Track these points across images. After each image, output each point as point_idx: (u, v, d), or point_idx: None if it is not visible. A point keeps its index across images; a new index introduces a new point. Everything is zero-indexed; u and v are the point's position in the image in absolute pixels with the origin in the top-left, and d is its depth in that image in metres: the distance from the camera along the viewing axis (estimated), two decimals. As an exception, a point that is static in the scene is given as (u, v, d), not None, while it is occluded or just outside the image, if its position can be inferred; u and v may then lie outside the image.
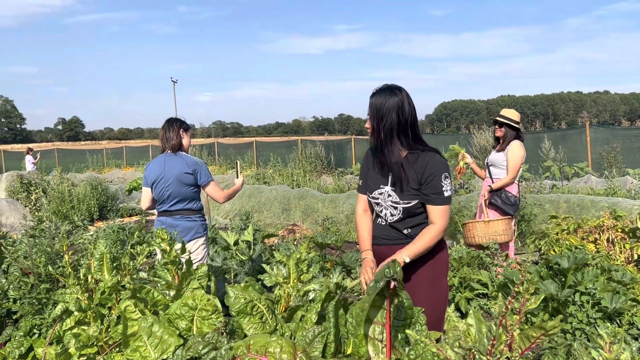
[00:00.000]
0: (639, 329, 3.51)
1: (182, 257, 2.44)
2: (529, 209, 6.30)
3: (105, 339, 2.34)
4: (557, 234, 5.45)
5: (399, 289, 1.44)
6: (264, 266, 2.86)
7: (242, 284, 2.26)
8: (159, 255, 2.93)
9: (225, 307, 2.21)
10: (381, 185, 2.57)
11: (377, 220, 2.67)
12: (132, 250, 3.14)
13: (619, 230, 5.09)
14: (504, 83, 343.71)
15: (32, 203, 11.65)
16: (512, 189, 4.89)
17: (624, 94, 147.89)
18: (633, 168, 12.65)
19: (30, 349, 2.45)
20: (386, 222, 2.60)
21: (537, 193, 8.05)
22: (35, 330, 2.66)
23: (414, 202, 2.48)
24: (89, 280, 2.57)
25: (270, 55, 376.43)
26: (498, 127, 4.97)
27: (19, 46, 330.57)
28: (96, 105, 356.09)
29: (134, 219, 11.10)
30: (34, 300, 2.72)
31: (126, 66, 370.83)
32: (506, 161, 4.87)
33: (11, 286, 2.81)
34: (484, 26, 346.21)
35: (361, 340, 1.40)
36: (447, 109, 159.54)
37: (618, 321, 3.59)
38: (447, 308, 2.64)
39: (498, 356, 1.08)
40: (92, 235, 6.94)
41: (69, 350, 2.22)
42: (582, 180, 10.72)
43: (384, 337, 1.43)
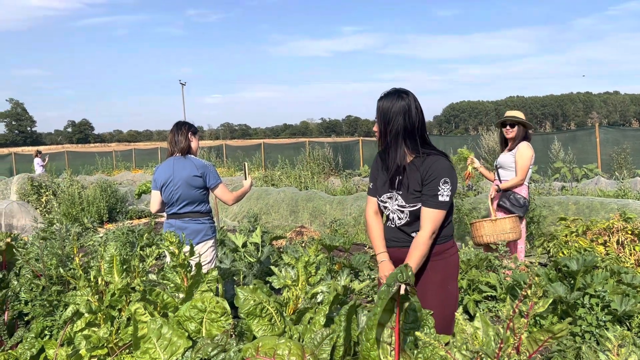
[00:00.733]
0: (649, 332, 3.49)
1: (191, 259, 2.46)
2: (538, 211, 6.27)
3: (115, 341, 2.36)
4: (566, 236, 5.42)
5: (412, 293, 1.44)
6: (272, 268, 2.87)
7: (250, 286, 2.27)
8: (168, 258, 2.95)
9: (234, 309, 2.23)
10: (389, 189, 2.59)
11: (387, 223, 2.69)
12: (141, 252, 3.17)
13: (629, 232, 5.06)
14: (512, 84, 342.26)
15: (43, 205, 11.75)
16: (521, 191, 4.86)
17: (634, 95, 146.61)
18: (644, 169, 12.55)
19: (42, 350, 2.48)
20: (395, 225, 2.62)
21: (546, 195, 8.01)
22: (46, 332, 2.69)
23: (419, 205, 2.48)
24: (99, 282, 2.59)
25: (278, 57, 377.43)
26: (510, 127, 4.92)
27: (30, 49, 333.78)
28: (105, 108, 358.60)
29: (143, 221, 11.16)
30: (45, 302, 2.75)
31: (135, 69, 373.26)
32: (515, 162, 4.85)
33: (23, 288, 2.85)
34: (492, 27, 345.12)
35: (372, 344, 1.40)
36: (455, 110, 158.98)
37: (628, 324, 3.57)
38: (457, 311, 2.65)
39: (506, 359, 1.08)
40: (101, 238, 6.99)
41: (80, 352, 2.24)
42: (592, 182, 10.64)
43: (392, 341, 1.44)
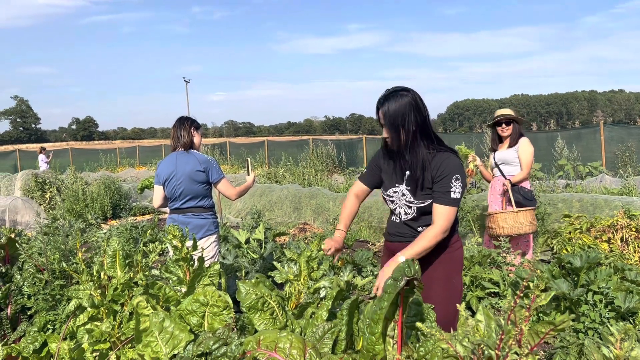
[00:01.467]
0: (653, 329, 3.47)
1: (194, 254, 2.46)
2: (542, 208, 6.25)
3: (117, 335, 2.36)
4: (569, 233, 5.41)
5: (419, 288, 1.44)
6: (274, 264, 2.87)
7: (253, 280, 2.27)
8: (171, 252, 2.95)
9: (236, 303, 2.23)
10: (396, 184, 2.56)
11: (392, 217, 2.68)
12: (144, 248, 3.17)
13: (633, 229, 5.04)
14: (517, 82, 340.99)
15: (47, 201, 11.79)
16: (526, 185, 4.97)
17: (639, 93, 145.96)
18: (648, 167, 12.50)
19: (45, 344, 2.48)
20: (400, 220, 2.60)
21: (551, 192, 7.98)
22: (49, 326, 2.70)
23: (428, 201, 2.47)
24: (102, 277, 2.60)
25: (282, 55, 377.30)
26: (505, 125, 5.02)
27: (35, 47, 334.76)
28: (110, 105, 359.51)
29: (147, 217, 11.18)
30: (48, 297, 2.75)
31: (140, 67, 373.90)
32: (518, 158, 4.92)
33: (26, 282, 2.86)
34: (497, 25, 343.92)
35: (378, 338, 1.40)
36: (460, 108, 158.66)
37: (631, 321, 3.55)
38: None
39: (507, 351, 1.08)
40: (105, 234, 7.02)
41: (82, 346, 2.25)
42: (596, 180, 10.60)
43: (395, 334, 1.44)
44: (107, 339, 2.37)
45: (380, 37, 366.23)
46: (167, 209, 4.13)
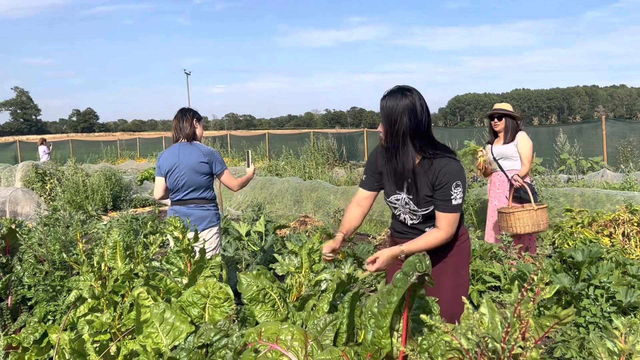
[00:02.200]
0: (654, 324, 3.47)
1: (196, 245, 2.46)
2: (544, 202, 6.24)
3: (118, 326, 2.36)
4: (571, 227, 5.39)
5: (429, 283, 1.43)
6: (275, 256, 2.87)
7: (254, 271, 2.26)
8: (172, 244, 2.94)
9: (237, 295, 2.22)
10: (397, 191, 2.53)
11: (397, 218, 2.66)
12: (145, 239, 3.16)
13: (635, 224, 5.03)
14: (519, 77, 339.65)
15: (47, 193, 11.79)
16: (527, 179, 4.98)
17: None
18: (650, 162, 12.47)
19: (45, 334, 2.48)
20: (407, 224, 2.58)
21: (552, 186, 7.97)
22: (49, 317, 2.69)
23: (432, 208, 2.45)
24: (102, 268, 2.59)
25: (283, 48, 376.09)
26: (497, 120, 5.02)
27: (34, 38, 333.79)
28: (110, 97, 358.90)
29: (147, 209, 11.18)
30: (48, 287, 2.75)
31: (140, 58, 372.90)
32: (517, 153, 4.93)
33: (26, 273, 2.85)
34: (499, 19, 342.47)
35: (385, 332, 1.39)
36: (461, 102, 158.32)
37: (633, 315, 3.55)
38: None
39: (512, 344, 1.07)
40: (105, 225, 7.01)
41: (83, 337, 2.24)
42: (598, 174, 10.59)
43: (400, 327, 1.43)
44: (108, 330, 2.36)
45: (382, 30, 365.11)
46: (168, 201, 4.11)
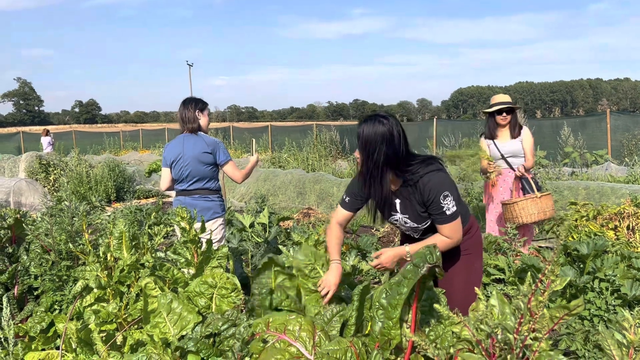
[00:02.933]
0: (658, 317, 3.47)
1: (202, 236, 2.45)
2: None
3: (124, 316, 2.36)
4: (576, 220, 5.38)
5: (439, 275, 1.42)
6: (280, 247, 2.87)
7: (264, 259, 2.26)
8: (179, 234, 2.94)
9: (244, 287, 2.22)
10: (392, 213, 2.55)
11: (404, 232, 2.70)
12: (149, 230, 3.16)
13: (640, 217, 5.01)
14: (522, 69, 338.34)
15: (51, 184, 11.81)
16: (528, 173, 4.95)
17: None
18: (654, 156, 12.42)
19: (52, 324, 2.49)
20: (413, 237, 2.62)
21: (556, 179, 7.95)
22: (56, 306, 2.70)
23: (430, 221, 2.48)
24: (108, 258, 2.59)
25: (286, 39, 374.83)
26: (506, 114, 4.91)
27: (38, 29, 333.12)
28: (113, 89, 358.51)
29: (151, 200, 11.20)
30: (54, 277, 2.76)
31: (142, 50, 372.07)
32: (522, 148, 4.92)
33: (33, 263, 2.86)
34: (503, 11, 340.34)
35: (395, 324, 1.39)
36: (464, 95, 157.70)
37: (638, 309, 3.55)
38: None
39: (525, 335, 1.06)
40: (109, 216, 7.02)
41: (89, 326, 2.25)
42: (602, 168, 10.56)
43: (409, 318, 1.43)
44: (114, 320, 2.37)
45: (385, 22, 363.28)
46: (174, 192, 4.12)
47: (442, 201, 2.35)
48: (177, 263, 2.41)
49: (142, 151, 25.02)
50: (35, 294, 2.90)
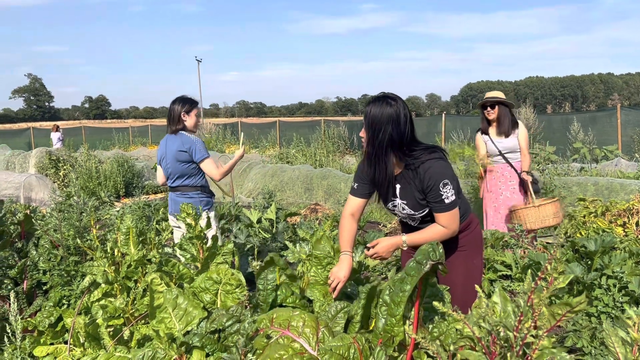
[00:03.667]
0: (667, 314, 3.44)
1: (208, 232, 2.47)
2: (557, 192, 6.19)
3: (131, 311, 2.39)
4: (584, 216, 5.35)
5: (443, 272, 1.43)
6: (287, 243, 2.88)
7: (265, 259, 2.27)
8: (184, 230, 2.96)
9: (249, 282, 2.23)
10: (392, 198, 2.53)
11: (402, 220, 2.68)
12: (157, 226, 3.19)
13: (649, 214, 4.97)
14: (532, 64, 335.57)
15: (60, 179, 11.90)
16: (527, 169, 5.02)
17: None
18: (665, 151, 12.29)
19: (60, 318, 2.52)
20: (410, 225, 2.61)
21: (565, 175, 7.90)
22: (64, 301, 2.73)
23: (428, 209, 2.46)
24: (116, 253, 2.61)
25: (295, 35, 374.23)
26: (490, 109, 5.00)
27: (47, 25, 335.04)
28: (122, 84, 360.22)
29: (159, 196, 11.26)
30: (63, 272, 2.78)
31: (152, 45, 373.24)
32: (519, 144, 4.98)
33: (41, 258, 2.89)
34: (514, 6, 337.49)
35: (399, 321, 1.40)
36: (473, 90, 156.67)
37: (645, 306, 3.52)
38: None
39: (525, 333, 1.06)
40: (118, 211, 7.08)
41: (97, 321, 2.27)
42: (612, 164, 10.48)
43: (411, 315, 1.43)
44: (121, 314, 2.39)
45: (395, 17, 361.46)
46: None
47: (441, 189, 2.34)
48: (183, 259, 2.42)
49: (151, 147, 25.11)
50: (44, 288, 2.94)
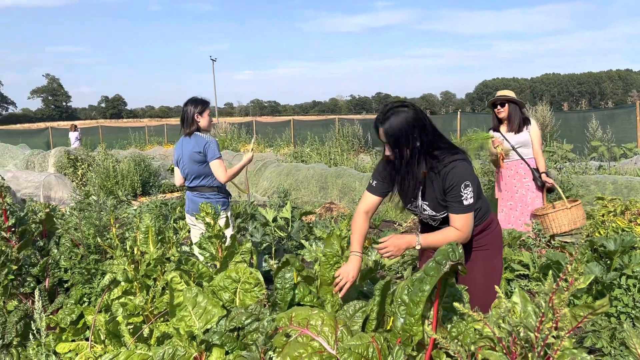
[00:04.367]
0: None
1: (226, 231, 2.50)
2: (574, 190, 6.13)
3: (150, 309, 2.42)
4: (603, 215, 5.29)
5: (462, 272, 1.43)
6: (303, 242, 2.89)
7: (282, 259, 2.29)
8: (203, 229, 2.99)
9: (267, 280, 2.25)
10: (412, 199, 2.52)
11: (422, 221, 2.68)
12: (175, 224, 3.22)
13: (670, 213, 4.90)
14: (549, 61, 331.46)
15: (79, 178, 12.06)
16: (543, 167, 4.97)
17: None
18: (686, 149, 12.08)
19: (81, 316, 2.56)
20: (430, 225, 2.59)
21: (583, 174, 7.81)
22: (85, 299, 2.77)
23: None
24: (135, 252, 2.65)
25: (309, 33, 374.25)
26: (500, 107, 5.00)
27: (65, 25, 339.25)
28: (138, 84, 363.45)
29: (176, 194, 11.35)
30: (83, 270, 2.83)
31: (167, 45, 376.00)
32: (530, 140, 4.95)
33: (63, 256, 2.94)
34: (530, 2, 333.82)
35: (417, 320, 1.40)
36: (489, 87, 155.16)
37: (666, 306, 3.48)
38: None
39: (546, 333, 1.06)
40: (135, 210, 7.15)
41: (117, 319, 2.31)
42: (631, 162, 10.33)
43: (431, 315, 1.43)
44: (140, 312, 2.43)
45: (409, 14, 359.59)
46: None
47: (462, 190, 2.33)
48: (202, 257, 2.45)
49: (167, 146, 25.32)
50: (65, 286, 2.98)
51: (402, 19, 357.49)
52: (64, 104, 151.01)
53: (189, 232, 4.33)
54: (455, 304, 1.25)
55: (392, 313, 1.80)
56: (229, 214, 4.13)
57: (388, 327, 1.84)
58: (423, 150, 2.35)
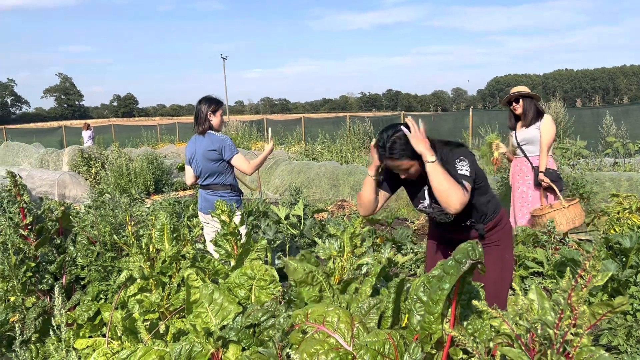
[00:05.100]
0: None
1: (241, 229, 2.52)
2: (589, 187, 6.07)
3: (166, 306, 2.44)
4: (618, 212, 5.24)
5: (482, 271, 1.43)
6: (316, 239, 2.90)
7: (297, 256, 2.30)
8: (219, 227, 3.01)
9: (282, 277, 2.26)
10: (421, 200, 2.64)
11: (434, 219, 2.73)
12: (188, 222, 3.24)
13: (686, 210, 4.85)
14: (561, 57, 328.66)
15: (92, 176, 12.18)
16: (551, 165, 4.80)
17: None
18: (702, 145, 11.90)
19: (98, 312, 2.59)
20: (443, 222, 2.65)
21: (597, 171, 7.74)
22: (101, 296, 2.81)
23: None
24: (151, 249, 2.67)
25: (319, 31, 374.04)
26: (515, 103, 4.90)
27: (77, 25, 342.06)
28: (149, 82, 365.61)
29: (188, 192, 11.41)
30: (100, 268, 2.86)
31: (178, 44, 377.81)
32: (540, 136, 4.75)
33: (79, 254, 2.97)
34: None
35: (437, 318, 1.40)
36: (500, 83, 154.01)
37: (683, 304, 3.44)
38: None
39: (565, 330, 1.06)
40: (149, 208, 7.21)
41: (133, 315, 2.33)
42: (646, 158, 10.21)
43: (448, 312, 1.44)
44: (156, 309, 2.45)
45: (420, 11, 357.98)
46: None
47: (457, 163, 2.43)
48: (217, 254, 2.47)
49: (179, 144, 25.45)
50: (82, 283, 3.02)
51: (412, 16, 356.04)
52: (77, 102, 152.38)
53: (202, 229, 4.36)
54: (474, 302, 1.25)
55: (407, 310, 1.80)
56: (242, 211, 4.16)
57: (403, 324, 1.84)
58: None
